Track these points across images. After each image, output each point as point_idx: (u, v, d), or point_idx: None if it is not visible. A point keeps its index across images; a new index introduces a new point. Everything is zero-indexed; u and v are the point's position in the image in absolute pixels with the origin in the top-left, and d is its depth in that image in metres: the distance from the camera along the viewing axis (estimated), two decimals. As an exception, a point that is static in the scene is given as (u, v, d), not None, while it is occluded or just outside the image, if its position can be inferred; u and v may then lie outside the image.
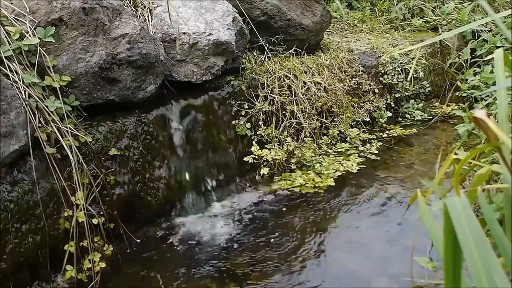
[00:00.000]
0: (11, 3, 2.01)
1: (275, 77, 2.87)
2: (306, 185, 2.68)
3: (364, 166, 2.89)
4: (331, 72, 3.18)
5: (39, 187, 1.84)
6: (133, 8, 2.50)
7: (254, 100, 2.76)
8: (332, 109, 3.09)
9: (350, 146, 3.07)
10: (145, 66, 2.23)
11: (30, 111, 1.83)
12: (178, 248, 2.18)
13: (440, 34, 3.78)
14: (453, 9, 4.04)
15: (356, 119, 3.24)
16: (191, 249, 2.17)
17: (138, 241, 2.20)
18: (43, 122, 1.87)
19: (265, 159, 2.70)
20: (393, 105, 3.52)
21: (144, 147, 2.26)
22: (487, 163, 1.60)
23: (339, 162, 2.90)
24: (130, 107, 2.27)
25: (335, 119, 3.11)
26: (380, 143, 3.17)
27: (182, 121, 2.43)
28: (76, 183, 1.92)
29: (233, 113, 2.68)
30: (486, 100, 2.63)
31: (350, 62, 3.35)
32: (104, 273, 1.95)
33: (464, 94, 3.48)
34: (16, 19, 1.97)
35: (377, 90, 3.39)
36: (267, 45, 2.98)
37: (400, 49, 3.51)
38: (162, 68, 2.35)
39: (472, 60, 3.69)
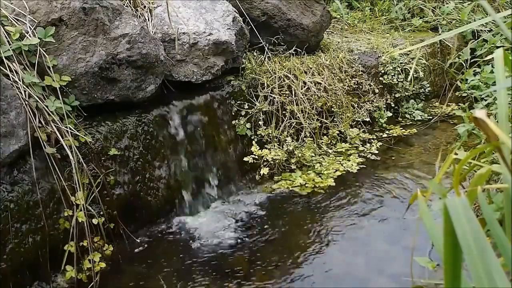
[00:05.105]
0: (11, 3, 2.01)
1: (275, 77, 2.87)
2: (306, 185, 2.68)
3: (364, 166, 2.89)
4: (331, 72, 3.18)
5: (39, 187, 1.84)
6: (133, 8, 2.50)
7: (254, 100, 2.76)
8: (332, 109, 3.10)
9: (350, 146, 3.07)
10: (145, 66, 2.23)
11: (30, 111, 1.83)
12: (178, 248, 2.18)
13: (440, 34, 3.78)
14: (453, 9, 4.04)
15: (356, 119, 3.24)
16: (191, 249, 2.17)
17: (138, 241, 2.20)
18: (43, 122, 1.87)
19: (265, 159, 2.70)
20: (393, 105, 3.52)
21: (144, 147, 2.26)
22: (487, 163, 1.60)
23: (339, 162, 2.90)
24: (130, 107, 2.27)
25: (335, 119, 3.11)
26: (380, 143, 3.17)
27: (182, 121, 2.42)
28: (76, 183, 1.92)
29: (233, 113, 2.68)
30: (486, 100, 2.63)
31: (350, 62, 3.35)
32: (104, 273, 1.95)
33: (464, 94, 3.49)
34: (16, 19, 1.97)
35: (377, 90, 3.39)
36: (267, 45, 2.98)
37: (400, 49, 3.51)
38: (162, 68, 2.35)
39: (472, 60, 3.70)
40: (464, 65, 3.72)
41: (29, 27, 1.96)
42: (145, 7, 2.58)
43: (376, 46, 3.58)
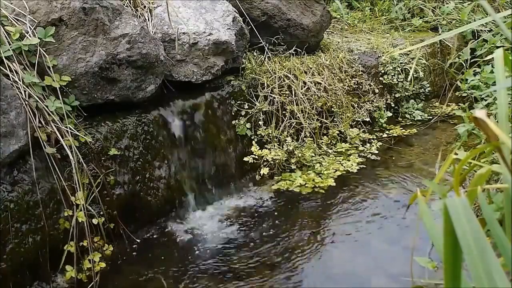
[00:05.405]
0: (11, 3, 2.01)
1: (275, 77, 2.87)
2: (306, 185, 2.68)
3: (364, 166, 2.89)
4: (331, 72, 3.18)
5: (39, 187, 1.84)
6: (133, 8, 2.50)
7: (254, 100, 2.76)
8: (332, 109, 3.10)
9: (350, 146, 3.07)
10: (145, 66, 2.23)
11: (30, 111, 1.83)
12: (178, 248, 2.18)
13: (440, 34, 3.78)
14: (453, 9, 4.04)
15: (356, 119, 3.24)
16: (191, 249, 2.17)
17: (138, 241, 2.20)
18: (43, 122, 1.87)
19: (265, 159, 2.70)
20: (393, 105, 3.52)
21: (144, 147, 2.26)
22: (487, 163, 1.60)
23: (339, 162, 2.90)
24: (130, 107, 2.27)
25: (335, 119, 3.11)
26: (380, 143, 3.17)
27: (182, 121, 2.43)
28: (76, 183, 1.92)
29: (233, 113, 2.68)
30: (486, 100, 2.63)
31: (350, 62, 3.35)
32: (104, 273, 1.95)
33: (464, 94, 3.49)
34: (16, 19, 1.97)
35: (377, 90, 3.39)
36: (267, 45, 2.98)
37: (400, 49, 3.51)
38: (162, 68, 2.35)
39: (472, 60, 3.69)
40: (464, 65, 3.72)
41: (29, 27, 1.96)
42: (145, 7, 2.58)
43: (376, 46, 3.58)
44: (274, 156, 2.70)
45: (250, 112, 2.73)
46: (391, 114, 3.45)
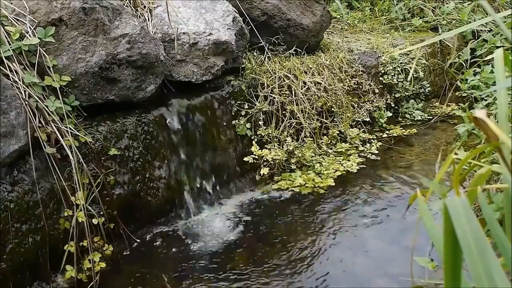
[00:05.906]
0: (11, 3, 2.01)
1: (275, 77, 2.87)
2: (306, 185, 2.68)
3: (364, 166, 2.89)
4: (331, 72, 3.18)
5: (39, 187, 1.84)
6: (133, 8, 2.50)
7: (254, 100, 2.76)
8: (332, 109, 3.10)
9: (350, 146, 3.07)
10: (145, 66, 2.23)
11: (30, 111, 1.83)
12: (178, 248, 2.18)
13: (440, 34, 3.78)
14: (453, 9, 4.04)
15: (356, 119, 3.24)
16: (190, 249, 2.17)
17: (138, 241, 2.20)
18: (43, 122, 1.87)
19: (265, 159, 2.70)
20: (393, 105, 3.52)
21: (144, 147, 2.26)
22: (487, 163, 1.60)
23: (339, 162, 2.90)
24: (130, 107, 2.27)
25: (335, 119, 3.11)
26: (380, 143, 3.17)
27: (182, 121, 2.43)
28: (76, 183, 1.92)
29: (233, 113, 2.68)
30: (486, 100, 2.63)
31: (350, 62, 3.35)
32: (104, 273, 1.95)
33: (464, 94, 3.49)
34: (16, 19, 1.97)
35: (377, 90, 3.39)
36: (267, 45, 2.98)
37: (400, 49, 3.51)
38: (162, 68, 2.35)
39: (472, 60, 3.69)
40: (464, 65, 3.72)
41: (29, 27, 1.96)
42: (145, 7, 2.58)
43: (376, 46, 3.58)
44: (274, 156, 2.70)
45: (250, 112, 2.73)
46: (391, 114, 3.45)
